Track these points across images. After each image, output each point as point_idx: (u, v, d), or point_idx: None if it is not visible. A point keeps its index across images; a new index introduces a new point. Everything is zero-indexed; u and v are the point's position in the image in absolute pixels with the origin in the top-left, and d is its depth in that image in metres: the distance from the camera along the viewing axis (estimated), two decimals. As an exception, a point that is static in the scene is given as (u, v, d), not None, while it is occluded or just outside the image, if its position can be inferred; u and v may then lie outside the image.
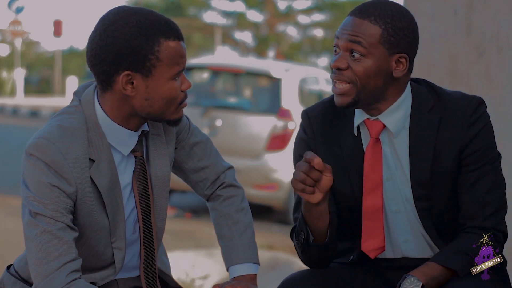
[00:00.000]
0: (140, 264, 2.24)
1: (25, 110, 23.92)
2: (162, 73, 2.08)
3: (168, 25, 2.10)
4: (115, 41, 2.06)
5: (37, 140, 2.07)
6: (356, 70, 2.24)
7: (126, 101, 2.11)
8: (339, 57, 2.25)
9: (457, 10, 4.06)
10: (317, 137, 2.37)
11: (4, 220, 7.36)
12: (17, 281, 2.23)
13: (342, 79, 2.25)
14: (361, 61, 2.23)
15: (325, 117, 2.38)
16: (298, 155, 2.38)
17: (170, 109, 2.13)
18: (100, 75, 2.10)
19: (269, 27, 34.91)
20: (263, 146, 8.22)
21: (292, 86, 8.60)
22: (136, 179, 2.19)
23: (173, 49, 2.09)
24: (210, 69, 9.16)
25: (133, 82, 2.08)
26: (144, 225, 2.21)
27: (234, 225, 2.36)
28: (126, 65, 2.06)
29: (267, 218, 8.55)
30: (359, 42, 2.22)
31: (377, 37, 2.23)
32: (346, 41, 2.24)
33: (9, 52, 35.28)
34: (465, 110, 2.29)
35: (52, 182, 2.05)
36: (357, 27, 2.23)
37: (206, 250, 6.37)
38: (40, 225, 2.05)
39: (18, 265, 2.26)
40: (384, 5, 2.26)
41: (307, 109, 2.43)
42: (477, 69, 3.99)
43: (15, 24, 30.87)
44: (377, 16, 2.23)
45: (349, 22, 2.25)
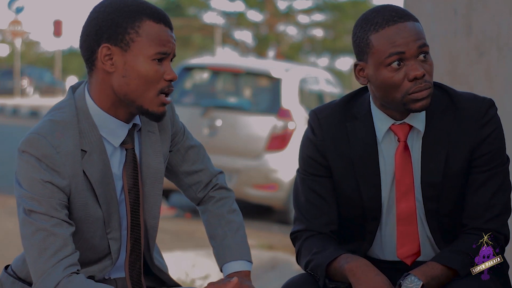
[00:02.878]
0: (125, 259, 2.23)
1: (25, 110, 23.93)
2: (140, 49, 2.08)
3: (156, 9, 2.12)
4: (99, 15, 2.10)
5: (29, 136, 2.08)
6: (429, 71, 2.25)
7: (107, 81, 2.11)
8: (416, 65, 2.22)
9: (457, 10, 4.06)
10: (326, 139, 2.35)
11: (4, 220, 7.36)
12: (15, 281, 2.24)
13: (426, 86, 2.23)
14: (427, 60, 2.25)
15: (335, 119, 2.35)
16: (307, 156, 2.37)
17: (148, 94, 2.10)
18: (85, 53, 2.12)
19: (269, 27, 34.92)
20: (263, 146, 8.22)
21: (292, 86, 8.60)
22: (126, 171, 2.19)
23: (155, 29, 2.10)
24: (210, 69, 9.17)
25: (112, 58, 2.09)
26: (132, 220, 2.21)
27: (227, 224, 2.36)
28: (106, 38, 2.08)
29: (267, 218, 8.55)
30: (424, 44, 2.23)
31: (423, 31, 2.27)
32: (414, 48, 2.22)
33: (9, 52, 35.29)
34: (477, 111, 2.30)
35: (45, 178, 2.05)
36: (414, 29, 2.22)
37: (206, 250, 6.37)
38: (35, 223, 2.05)
39: (16, 265, 2.26)
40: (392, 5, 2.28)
41: (316, 110, 2.39)
42: (477, 69, 3.99)
43: (15, 24, 30.86)
44: (411, 14, 2.26)
45: (405, 29, 2.22)
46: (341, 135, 2.34)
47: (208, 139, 8.27)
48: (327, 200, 2.35)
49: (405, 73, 2.21)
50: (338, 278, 2.27)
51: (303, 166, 2.39)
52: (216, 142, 8.28)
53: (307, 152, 2.37)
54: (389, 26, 2.20)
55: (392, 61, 2.21)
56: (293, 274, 2.45)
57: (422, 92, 2.22)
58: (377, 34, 2.21)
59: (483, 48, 3.95)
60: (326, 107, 2.39)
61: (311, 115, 2.38)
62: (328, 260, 2.26)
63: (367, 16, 2.26)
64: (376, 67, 2.24)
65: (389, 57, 2.20)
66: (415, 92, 2.21)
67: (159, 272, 2.34)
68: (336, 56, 42.94)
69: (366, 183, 2.32)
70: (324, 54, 40.98)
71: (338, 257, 2.26)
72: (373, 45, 2.23)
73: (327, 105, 2.40)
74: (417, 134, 2.31)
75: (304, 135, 2.40)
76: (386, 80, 2.23)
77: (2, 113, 24.13)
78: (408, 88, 2.22)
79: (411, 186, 2.30)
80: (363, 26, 2.25)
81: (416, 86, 2.21)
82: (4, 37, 35.89)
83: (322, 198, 2.35)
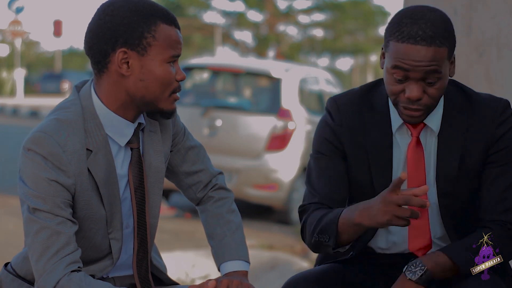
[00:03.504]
0: (133, 257, 2.24)
1: (25, 110, 23.94)
2: (158, 53, 2.11)
3: (167, 12, 2.15)
4: (113, 18, 2.09)
5: (35, 134, 2.08)
6: (433, 94, 2.23)
7: (120, 84, 2.12)
8: (415, 88, 2.21)
9: (457, 10, 4.06)
10: (344, 124, 2.37)
11: (4, 220, 7.36)
12: (15, 279, 2.24)
13: (418, 109, 2.24)
14: (436, 84, 2.22)
15: (353, 107, 2.38)
16: (323, 138, 2.39)
17: (164, 95, 2.14)
18: (96, 55, 2.11)
19: (269, 27, 34.93)
20: (263, 146, 8.23)
21: (292, 86, 8.60)
22: (132, 171, 2.19)
23: (169, 33, 2.13)
24: (210, 69, 9.17)
25: (129, 62, 2.10)
26: (139, 219, 2.22)
27: (226, 224, 2.37)
28: (122, 42, 2.09)
29: (267, 218, 8.55)
30: (435, 71, 2.20)
31: (445, 55, 2.22)
32: (421, 73, 2.20)
33: (9, 52, 35.30)
34: (494, 111, 2.33)
35: (50, 177, 2.05)
36: (429, 56, 2.18)
37: (206, 250, 6.37)
38: (39, 221, 2.05)
39: (15, 262, 2.27)
40: (433, 19, 2.21)
41: (335, 97, 2.42)
42: (477, 69, 3.99)
43: (15, 24, 30.88)
44: (441, 37, 2.20)
45: (419, 53, 2.18)
46: (358, 123, 2.36)
47: (208, 139, 8.27)
48: (340, 179, 2.38)
49: (404, 89, 2.23)
50: (348, 230, 2.24)
51: (318, 147, 2.41)
52: (216, 142, 8.29)
53: (323, 134, 2.40)
54: (408, 43, 2.18)
55: (395, 73, 2.22)
56: (293, 274, 2.44)
57: (412, 113, 2.25)
58: (396, 43, 2.20)
59: (483, 48, 3.95)
60: (345, 95, 2.42)
61: (330, 101, 2.40)
62: (339, 214, 2.25)
63: (403, 17, 2.23)
64: (386, 66, 2.27)
65: (394, 68, 2.22)
66: (406, 109, 2.25)
67: (157, 272, 2.35)
68: (336, 56, 42.98)
69: (378, 172, 2.35)
70: (324, 54, 41.01)
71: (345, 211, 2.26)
72: (390, 49, 2.23)
73: (346, 93, 2.43)
74: (431, 131, 2.34)
75: (321, 120, 2.42)
76: (387, 85, 2.27)
77: (2, 113, 24.14)
78: (402, 101, 2.25)
79: (422, 181, 2.33)
80: (394, 25, 2.23)
81: (409, 105, 2.24)
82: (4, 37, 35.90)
83: (335, 176, 2.38)
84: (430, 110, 2.28)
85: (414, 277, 2.21)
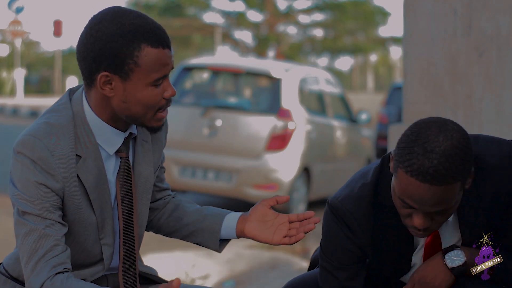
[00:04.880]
0: (119, 265, 2.23)
1: (25, 110, 23.93)
2: (140, 79, 2.07)
3: (154, 31, 2.07)
4: (97, 41, 2.06)
5: (24, 137, 2.09)
6: (441, 221, 2.10)
7: (106, 101, 2.11)
8: (422, 220, 2.06)
9: (457, 10, 4.06)
10: (366, 236, 2.23)
11: (4, 220, 7.36)
12: (7, 280, 2.24)
13: (428, 232, 2.12)
14: (446, 213, 2.08)
15: (370, 216, 2.22)
16: (345, 249, 2.24)
17: (148, 115, 2.12)
18: (83, 71, 2.11)
19: (269, 27, 34.90)
20: (263, 146, 8.22)
21: (292, 86, 8.60)
22: (120, 180, 2.19)
23: (153, 56, 2.06)
24: (210, 69, 9.17)
25: (112, 83, 2.08)
26: (125, 227, 2.21)
27: (197, 210, 2.38)
28: (105, 66, 2.06)
29: (267, 218, 8.53)
30: (445, 209, 2.05)
31: (458, 188, 2.04)
32: (429, 210, 2.04)
33: (9, 52, 35.29)
34: (501, 163, 2.18)
35: (39, 181, 2.05)
36: (438, 197, 2.00)
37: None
38: (28, 224, 2.06)
39: (7, 263, 2.27)
40: (448, 152, 1.99)
41: (349, 209, 2.22)
42: (477, 69, 3.99)
43: (15, 24, 30.86)
44: (454, 173, 1.99)
45: (427, 193, 2.00)
46: (376, 227, 2.22)
47: (208, 139, 8.27)
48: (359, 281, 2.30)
49: (411, 213, 2.09)
50: None
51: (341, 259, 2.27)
52: (216, 142, 8.28)
53: (344, 245, 2.25)
54: (417, 179, 1.99)
55: (402, 204, 2.08)
56: (293, 274, 2.45)
57: (418, 235, 2.13)
58: (405, 174, 2.01)
59: (483, 48, 3.95)
60: (357, 204, 2.23)
61: (346, 214, 2.23)
62: None
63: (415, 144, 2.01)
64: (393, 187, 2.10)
65: (401, 202, 2.07)
66: (412, 231, 2.13)
67: (148, 275, 2.34)
68: (336, 56, 42.96)
69: (398, 263, 2.28)
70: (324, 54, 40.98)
71: None
72: (398, 176, 2.05)
73: (356, 200, 2.23)
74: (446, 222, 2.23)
75: (338, 230, 2.25)
76: (395, 203, 2.12)
77: (2, 113, 24.13)
78: (408, 224, 2.12)
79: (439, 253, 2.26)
80: (405, 151, 2.03)
81: (414, 230, 2.12)
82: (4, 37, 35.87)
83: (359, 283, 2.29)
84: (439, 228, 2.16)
85: (451, 265, 2.18)
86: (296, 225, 2.28)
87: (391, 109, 14.28)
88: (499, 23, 3.85)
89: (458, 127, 2.04)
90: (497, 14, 3.86)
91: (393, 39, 37.68)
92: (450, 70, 4.14)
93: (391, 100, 14.55)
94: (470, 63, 4.02)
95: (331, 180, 9.33)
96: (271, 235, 2.27)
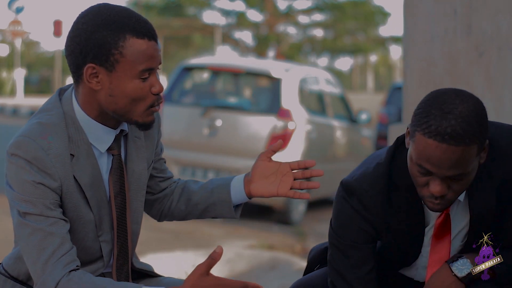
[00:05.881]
0: (112, 263, 2.24)
1: (25, 110, 23.93)
2: (125, 70, 2.07)
3: (139, 23, 2.08)
4: (82, 32, 2.07)
5: (18, 138, 2.08)
6: (458, 189, 2.10)
7: (93, 96, 2.11)
8: (440, 185, 2.07)
9: (457, 10, 4.07)
10: (380, 215, 2.24)
11: (4, 220, 7.36)
12: (7, 280, 2.24)
13: (441, 203, 2.11)
14: (463, 180, 2.08)
15: (384, 195, 2.23)
16: (358, 227, 2.25)
17: (137, 110, 2.11)
18: (71, 66, 2.12)
19: (269, 27, 34.91)
20: (263, 146, 8.22)
21: (292, 86, 8.60)
22: (113, 177, 2.19)
23: (138, 47, 2.07)
24: (210, 69, 9.16)
25: (98, 76, 2.08)
26: (119, 225, 2.22)
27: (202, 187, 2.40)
28: (91, 58, 2.07)
29: (267, 218, 8.55)
30: (462, 172, 2.05)
31: (475, 153, 2.05)
32: (446, 173, 2.05)
33: (9, 52, 35.29)
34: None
35: (36, 180, 2.05)
36: (456, 157, 2.01)
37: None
38: (31, 224, 2.05)
39: (7, 263, 2.26)
40: (465, 114, 2.02)
41: (364, 187, 2.24)
42: (477, 69, 3.99)
43: (15, 24, 30.86)
44: (471, 135, 2.01)
45: (445, 154, 2.01)
46: (389, 207, 2.23)
47: (208, 139, 8.27)
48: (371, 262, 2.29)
49: (428, 181, 2.10)
50: None
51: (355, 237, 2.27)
52: (216, 142, 8.28)
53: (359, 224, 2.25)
54: (435, 140, 2.01)
55: (419, 169, 2.09)
56: (293, 274, 2.45)
57: (435, 206, 2.13)
58: (423, 136, 2.04)
59: (483, 48, 3.95)
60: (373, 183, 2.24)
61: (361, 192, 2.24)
62: None
63: (432, 107, 2.05)
64: (410, 155, 2.11)
65: (419, 167, 2.08)
66: (429, 202, 2.13)
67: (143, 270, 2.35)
68: (336, 56, 42.96)
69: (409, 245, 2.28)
70: (324, 54, 40.99)
71: None
72: (416, 140, 2.06)
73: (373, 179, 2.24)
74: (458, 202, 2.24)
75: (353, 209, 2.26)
76: (411, 173, 2.13)
77: (2, 113, 24.13)
78: (425, 194, 2.13)
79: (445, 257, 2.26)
80: (422, 115, 2.05)
81: (432, 199, 2.11)
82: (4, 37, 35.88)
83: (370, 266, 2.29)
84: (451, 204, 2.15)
85: (461, 274, 2.19)
86: (299, 175, 2.33)
87: (391, 109, 14.28)
88: (499, 23, 3.85)
89: (473, 95, 2.09)
90: (497, 14, 3.86)
91: (393, 39, 37.70)
92: (450, 70, 4.14)
93: (391, 100, 14.55)
94: (470, 63, 4.02)
95: (331, 180, 9.33)
96: (276, 189, 2.32)
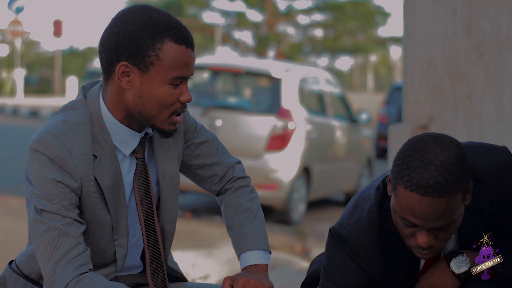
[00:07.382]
0: (146, 268, 2.22)
1: (25, 110, 23.94)
2: (159, 73, 2.06)
3: (180, 29, 2.07)
4: (121, 30, 2.06)
5: (42, 135, 2.06)
6: (445, 238, 2.05)
7: (121, 95, 2.10)
8: (426, 237, 2.01)
9: (457, 10, 4.07)
10: (375, 262, 2.21)
11: (4, 220, 7.36)
12: (19, 278, 2.23)
13: (432, 253, 2.07)
14: (449, 228, 2.03)
15: (377, 243, 2.19)
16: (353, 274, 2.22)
17: (162, 115, 2.10)
18: (103, 62, 2.09)
19: (269, 27, 34.94)
20: (263, 146, 8.22)
21: (292, 86, 8.60)
22: (137, 181, 2.18)
23: (176, 53, 2.06)
24: (210, 69, 9.16)
25: (130, 75, 2.07)
26: (148, 228, 2.20)
27: (243, 213, 2.34)
28: (126, 56, 2.05)
29: (267, 218, 8.55)
30: (448, 222, 2.00)
31: (459, 200, 1.99)
32: (432, 225, 1.99)
33: (9, 52, 35.32)
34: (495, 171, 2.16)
35: (57, 178, 2.03)
36: (441, 209, 1.96)
37: (206, 250, 6.37)
38: (46, 222, 2.03)
39: (20, 260, 2.25)
40: (446, 163, 1.96)
41: (358, 238, 2.19)
42: (477, 69, 3.99)
43: (15, 24, 30.89)
44: (454, 183, 1.95)
45: (429, 207, 1.96)
46: (384, 255, 2.20)
47: (208, 139, 8.27)
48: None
49: (414, 233, 2.05)
50: None
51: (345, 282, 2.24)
52: (216, 142, 8.28)
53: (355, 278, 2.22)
54: (418, 193, 1.95)
55: (403, 223, 2.04)
56: (293, 274, 2.45)
57: (423, 256, 2.10)
58: (404, 190, 1.98)
59: (483, 48, 3.95)
60: (365, 234, 2.20)
61: (354, 243, 2.20)
62: None
63: (412, 159, 1.98)
64: (393, 207, 2.06)
65: (403, 220, 2.03)
66: (417, 252, 2.09)
67: (173, 272, 2.35)
68: (336, 56, 43.02)
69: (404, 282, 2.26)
70: (324, 54, 41.03)
71: None
72: (397, 194, 2.01)
73: (365, 229, 2.20)
74: None
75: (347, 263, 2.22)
76: (396, 225, 2.08)
77: (2, 113, 24.14)
78: (412, 245, 2.09)
79: None
80: (403, 166, 1.98)
81: (418, 250, 2.08)
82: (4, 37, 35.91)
83: None
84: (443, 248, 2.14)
85: (458, 271, 2.18)
86: None
87: (391, 109, 14.30)
88: (499, 23, 3.85)
89: (453, 139, 2.03)
90: (497, 14, 3.86)
91: (393, 39, 37.75)
92: (450, 70, 4.14)
93: (391, 100, 14.57)
94: (470, 63, 4.02)
95: (331, 180, 9.34)
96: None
